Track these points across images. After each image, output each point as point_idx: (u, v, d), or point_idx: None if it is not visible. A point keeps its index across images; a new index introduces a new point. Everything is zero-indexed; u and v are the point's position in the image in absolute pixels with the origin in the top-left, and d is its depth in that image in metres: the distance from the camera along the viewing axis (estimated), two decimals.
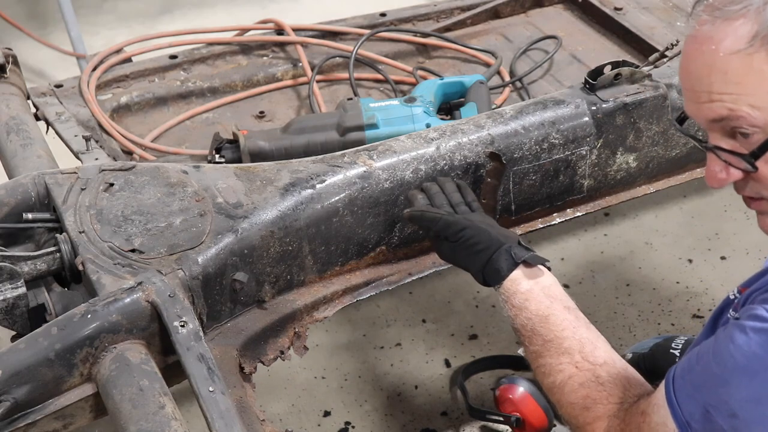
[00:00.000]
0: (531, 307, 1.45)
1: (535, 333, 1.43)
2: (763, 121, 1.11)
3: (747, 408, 1.12)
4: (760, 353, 1.10)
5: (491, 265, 1.49)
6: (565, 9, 2.57)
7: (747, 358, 1.11)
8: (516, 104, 1.88)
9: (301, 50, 2.29)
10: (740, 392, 1.13)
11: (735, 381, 1.13)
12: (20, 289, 1.49)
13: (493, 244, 1.50)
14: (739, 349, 1.12)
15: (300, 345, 1.66)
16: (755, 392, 1.11)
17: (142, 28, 3.78)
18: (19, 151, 1.87)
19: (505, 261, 1.48)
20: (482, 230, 1.52)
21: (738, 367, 1.12)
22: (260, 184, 1.67)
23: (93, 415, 1.45)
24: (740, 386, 1.13)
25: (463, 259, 1.54)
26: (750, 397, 1.12)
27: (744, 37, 1.09)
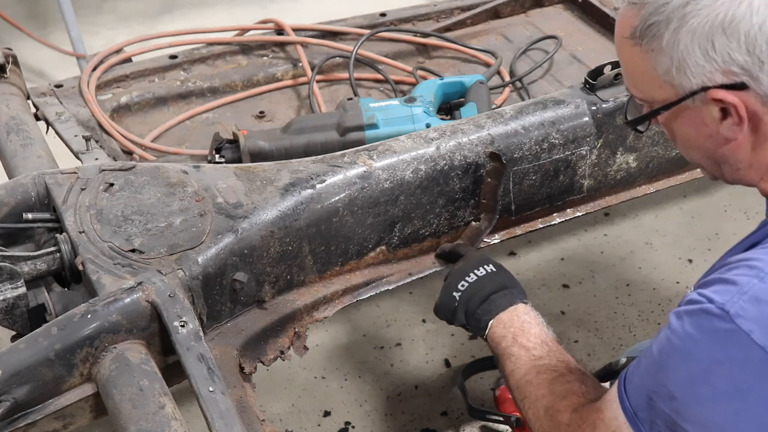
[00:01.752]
0: (532, 333, 1.52)
1: (540, 344, 1.49)
2: (642, 99, 1.28)
3: (684, 389, 1.15)
4: (692, 332, 1.13)
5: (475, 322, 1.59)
6: (565, 9, 2.57)
7: (681, 339, 1.14)
8: (516, 104, 1.88)
9: (301, 50, 2.29)
10: (676, 373, 1.15)
11: (671, 363, 1.16)
12: (20, 289, 1.49)
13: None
14: (674, 333, 1.15)
15: (300, 345, 1.66)
16: (689, 372, 1.14)
17: (142, 28, 3.78)
18: (19, 151, 1.87)
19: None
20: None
21: (673, 350, 1.15)
22: (260, 184, 1.67)
23: (93, 415, 1.45)
24: (676, 368, 1.15)
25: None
26: (685, 377, 1.14)
27: (629, 28, 1.22)
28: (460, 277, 1.61)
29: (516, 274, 2.59)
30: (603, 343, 2.37)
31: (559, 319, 2.45)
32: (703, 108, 1.20)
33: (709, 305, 1.11)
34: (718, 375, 1.11)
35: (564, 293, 2.54)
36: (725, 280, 1.13)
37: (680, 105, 1.22)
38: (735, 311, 1.09)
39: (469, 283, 1.59)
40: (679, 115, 1.24)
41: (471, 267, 1.62)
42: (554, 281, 2.58)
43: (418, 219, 1.78)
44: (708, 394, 1.12)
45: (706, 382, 1.12)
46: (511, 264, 2.63)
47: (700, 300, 1.13)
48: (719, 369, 1.11)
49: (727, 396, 1.11)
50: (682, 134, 1.28)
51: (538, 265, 2.64)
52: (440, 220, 1.80)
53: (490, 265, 1.62)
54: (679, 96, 1.21)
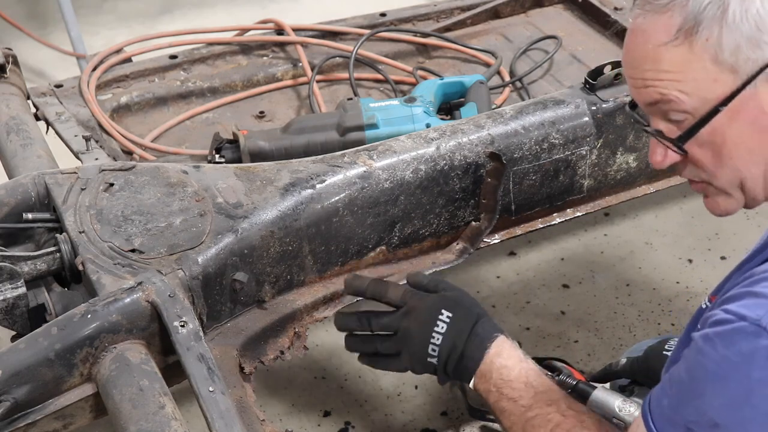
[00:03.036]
0: (512, 376, 1.43)
1: (525, 389, 1.42)
2: (691, 106, 1.17)
3: (726, 414, 1.11)
4: (728, 354, 1.09)
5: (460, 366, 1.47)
6: (565, 9, 2.57)
7: (716, 364, 1.10)
8: (516, 104, 1.88)
9: (301, 50, 2.29)
10: (716, 399, 1.11)
11: (709, 389, 1.12)
12: (20, 289, 1.49)
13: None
14: (708, 357, 1.11)
15: (300, 345, 1.66)
16: (730, 396, 1.10)
17: (142, 28, 3.77)
18: (19, 151, 1.87)
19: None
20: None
21: (709, 375, 1.11)
22: (260, 184, 1.67)
23: (93, 415, 1.45)
24: (715, 393, 1.11)
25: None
26: (726, 402, 1.10)
27: (670, 30, 1.15)
28: (425, 341, 1.47)
29: (516, 274, 2.61)
30: (603, 343, 2.37)
31: (559, 319, 2.45)
32: (763, 92, 1.13)
33: (742, 323, 1.07)
34: (761, 395, 1.07)
35: (564, 293, 2.54)
36: (755, 293, 1.09)
37: (742, 94, 1.14)
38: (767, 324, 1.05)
39: (439, 346, 1.46)
40: (735, 111, 1.15)
41: (429, 324, 1.47)
42: (554, 281, 2.58)
43: (418, 219, 1.78)
44: (752, 416, 1.08)
45: (750, 404, 1.08)
46: (511, 264, 2.63)
47: (730, 319, 1.09)
48: (762, 389, 1.07)
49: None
50: (733, 138, 1.17)
51: (538, 265, 2.64)
52: (440, 220, 1.80)
53: (444, 312, 1.47)
54: (743, 80, 1.13)
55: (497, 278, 2.60)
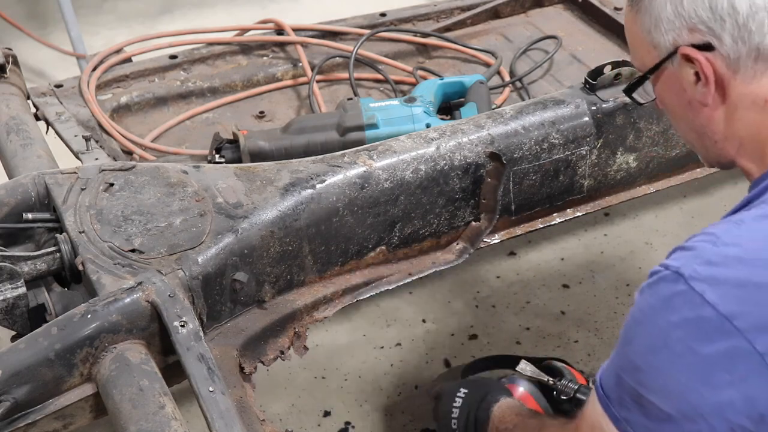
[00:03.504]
0: None
1: (516, 417, 1.59)
2: (639, 67, 1.35)
3: (645, 358, 1.15)
4: (651, 301, 1.15)
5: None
6: (565, 9, 2.57)
7: (642, 311, 1.16)
8: (516, 104, 1.88)
9: (301, 50, 2.29)
10: (639, 344, 1.17)
11: (635, 335, 1.18)
12: (20, 289, 1.49)
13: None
14: (637, 306, 1.18)
15: (300, 345, 1.66)
16: (649, 339, 1.15)
17: (142, 28, 3.78)
18: (19, 151, 1.87)
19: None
20: None
21: (636, 322, 1.18)
22: (260, 184, 1.67)
23: (93, 415, 1.45)
24: (638, 338, 1.17)
25: None
26: (646, 346, 1.15)
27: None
28: (448, 419, 1.70)
29: (516, 274, 2.61)
30: (603, 343, 2.37)
31: (559, 319, 2.45)
32: (681, 71, 1.26)
33: (666, 272, 1.14)
34: (675, 339, 1.11)
35: (564, 293, 2.54)
36: (683, 247, 1.17)
37: (663, 68, 1.29)
38: (689, 274, 1.10)
39: (457, 419, 1.69)
40: (665, 81, 1.31)
41: (450, 401, 1.70)
42: (554, 281, 2.58)
43: (418, 219, 1.78)
44: (667, 358, 1.12)
45: (666, 346, 1.12)
46: (511, 264, 2.64)
47: (657, 270, 1.16)
48: (676, 332, 1.11)
49: (685, 361, 1.11)
50: (669, 103, 1.34)
51: (538, 265, 2.64)
52: (440, 220, 1.80)
53: (461, 390, 1.70)
54: (661, 57, 1.28)
55: (497, 278, 2.60)
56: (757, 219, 1.15)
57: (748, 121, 1.25)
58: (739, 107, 1.25)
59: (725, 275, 1.09)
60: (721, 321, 1.07)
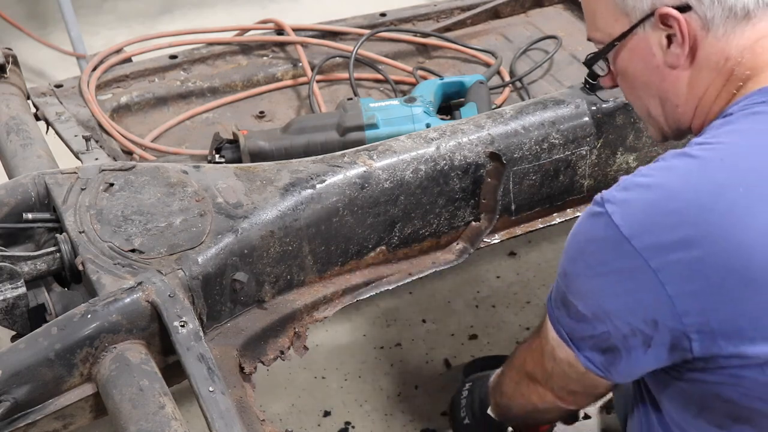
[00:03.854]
0: None
1: None
2: (600, 39, 1.40)
3: (568, 264, 1.29)
4: (581, 219, 1.27)
5: None
6: (565, 9, 2.57)
7: (575, 226, 1.28)
8: (516, 104, 1.88)
9: (301, 50, 2.29)
10: (567, 253, 1.30)
11: (567, 246, 1.30)
12: (20, 289, 1.49)
13: None
14: (574, 228, 1.29)
15: (300, 345, 1.66)
16: (574, 249, 1.28)
17: (142, 28, 3.78)
18: (19, 151, 1.87)
19: None
20: None
21: (570, 235, 1.29)
22: (260, 184, 1.67)
23: (93, 415, 1.45)
24: (567, 248, 1.29)
25: None
26: (571, 255, 1.29)
27: None
28: (457, 407, 1.79)
29: (516, 274, 2.61)
30: None
31: None
32: (652, 35, 1.31)
33: (595, 198, 1.24)
34: (588, 252, 1.24)
35: None
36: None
37: (632, 35, 1.33)
38: (607, 197, 1.21)
39: (466, 407, 1.77)
40: (631, 49, 1.35)
41: (458, 400, 1.80)
42: (554, 281, 2.58)
43: (418, 219, 1.78)
44: (582, 268, 1.26)
45: (582, 258, 1.26)
46: (511, 264, 2.64)
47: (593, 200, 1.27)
48: (590, 246, 1.24)
49: (594, 271, 1.24)
50: (633, 72, 1.38)
51: (538, 265, 2.64)
52: (440, 220, 1.80)
53: (466, 384, 1.81)
54: (633, 23, 1.32)
55: (497, 278, 2.60)
56: (675, 156, 1.24)
57: (708, 80, 1.31)
58: (704, 67, 1.30)
59: (634, 199, 1.20)
60: (622, 241, 1.18)
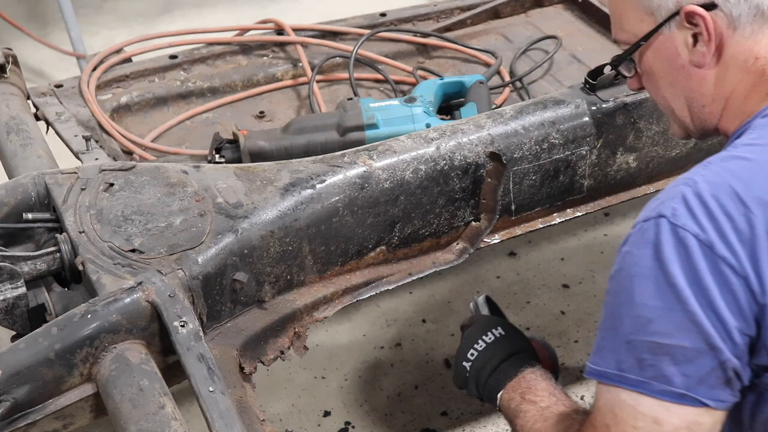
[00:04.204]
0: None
1: (548, 396, 1.48)
2: (626, 39, 1.39)
3: (654, 304, 1.15)
4: (642, 252, 1.16)
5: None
6: (565, 9, 2.57)
7: (636, 265, 1.16)
8: (516, 104, 1.88)
9: (301, 50, 2.29)
10: (643, 295, 1.16)
11: (636, 291, 1.17)
12: (20, 289, 1.49)
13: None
14: (627, 265, 1.18)
15: (300, 345, 1.66)
16: (653, 286, 1.15)
17: (142, 28, 3.78)
18: (19, 151, 1.87)
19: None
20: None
21: (633, 278, 1.17)
22: (260, 184, 1.67)
23: (93, 415, 1.45)
24: (642, 290, 1.16)
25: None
26: (652, 294, 1.15)
27: None
28: (468, 346, 1.63)
29: (516, 274, 2.61)
30: None
31: (559, 319, 2.45)
32: (677, 34, 1.31)
33: (644, 223, 1.17)
34: (675, 275, 1.13)
35: (564, 293, 2.54)
36: (655, 199, 1.20)
37: (658, 34, 1.32)
38: (670, 213, 1.15)
39: (478, 352, 1.61)
40: (657, 48, 1.34)
41: (479, 333, 1.63)
42: (554, 281, 2.58)
43: (418, 219, 1.78)
44: (675, 297, 1.14)
45: (671, 286, 1.14)
46: (511, 264, 2.64)
47: (634, 225, 1.20)
48: (673, 268, 1.14)
49: (687, 291, 1.13)
50: (658, 71, 1.37)
51: (538, 265, 2.64)
52: (440, 220, 1.80)
53: (498, 329, 1.63)
54: (658, 22, 1.31)
55: (497, 278, 2.60)
56: (723, 159, 1.21)
57: (736, 80, 1.29)
58: (731, 66, 1.29)
59: (700, 209, 1.14)
60: (705, 250, 1.12)
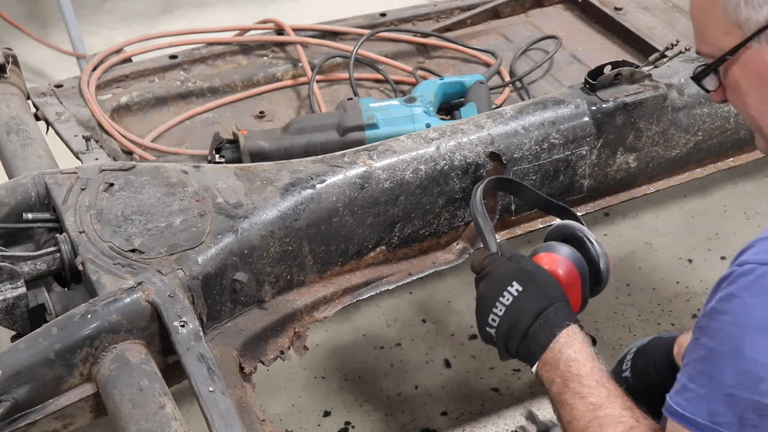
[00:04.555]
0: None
1: (596, 387, 1.34)
2: (710, 52, 1.30)
3: (765, 366, 1.06)
4: (759, 302, 1.08)
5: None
6: (565, 9, 2.57)
7: (748, 315, 1.08)
8: (516, 104, 1.88)
9: (301, 50, 2.29)
10: (757, 350, 1.07)
11: (747, 344, 1.08)
12: (20, 289, 1.49)
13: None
14: (737, 312, 1.09)
15: (300, 345, 1.66)
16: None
17: (142, 28, 3.77)
18: (19, 151, 1.87)
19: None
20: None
21: (744, 329, 1.08)
22: (260, 184, 1.67)
23: (93, 415, 1.45)
24: (754, 344, 1.07)
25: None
26: (766, 348, 1.06)
27: None
28: (487, 311, 1.44)
29: None
30: (603, 343, 2.37)
31: None
32: (767, 49, 1.22)
33: (761, 267, 1.08)
34: None
35: None
36: (761, 239, 1.11)
37: (746, 48, 1.23)
38: None
39: (499, 317, 1.42)
40: (744, 63, 1.25)
41: (494, 294, 1.43)
42: None
43: (418, 219, 1.78)
44: None
45: None
46: None
47: (751, 268, 1.09)
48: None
49: None
50: (746, 87, 1.27)
51: None
52: (440, 220, 1.80)
53: (514, 285, 1.42)
54: (747, 35, 1.22)
55: None
56: None
57: None
58: None
59: None
60: None
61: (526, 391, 2.27)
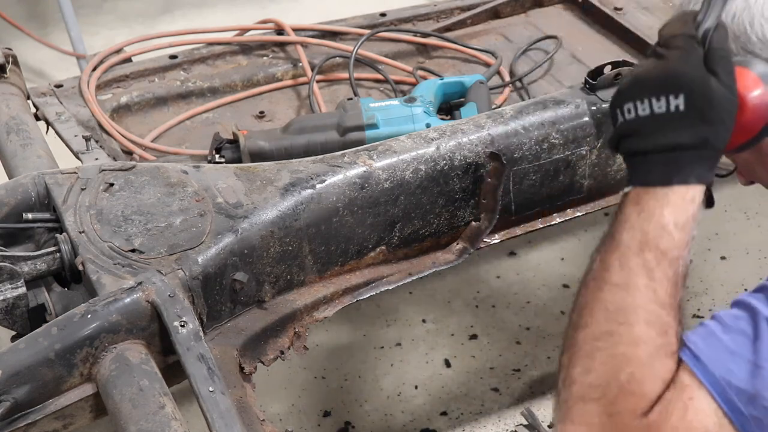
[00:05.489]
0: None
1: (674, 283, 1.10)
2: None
3: None
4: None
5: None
6: (565, 9, 2.57)
7: None
8: (516, 104, 1.88)
9: (301, 50, 2.29)
10: None
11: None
12: (20, 289, 1.49)
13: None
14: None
15: (300, 345, 1.66)
16: None
17: (142, 28, 3.78)
18: (19, 151, 1.87)
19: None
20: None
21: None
22: (260, 184, 1.67)
23: (93, 415, 1.45)
24: None
25: None
26: None
27: None
28: (630, 95, 1.14)
29: (516, 274, 2.61)
30: None
31: (559, 319, 2.45)
32: None
33: None
34: None
35: (564, 293, 2.54)
36: None
37: None
38: None
39: (636, 116, 1.12)
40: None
41: (653, 88, 1.11)
42: (554, 281, 2.58)
43: (418, 219, 1.78)
44: None
45: None
46: (511, 264, 2.64)
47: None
48: None
49: None
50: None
51: (538, 265, 2.64)
52: (440, 220, 1.80)
53: (681, 97, 1.09)
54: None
55: (497, 278, 2.60)
56: None
57: None
58: None
59: None
60: None
61: (526, 391, 2.27)
